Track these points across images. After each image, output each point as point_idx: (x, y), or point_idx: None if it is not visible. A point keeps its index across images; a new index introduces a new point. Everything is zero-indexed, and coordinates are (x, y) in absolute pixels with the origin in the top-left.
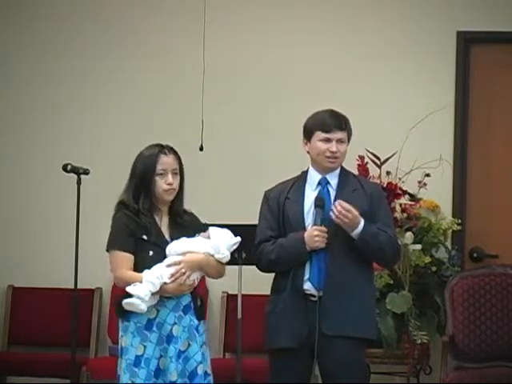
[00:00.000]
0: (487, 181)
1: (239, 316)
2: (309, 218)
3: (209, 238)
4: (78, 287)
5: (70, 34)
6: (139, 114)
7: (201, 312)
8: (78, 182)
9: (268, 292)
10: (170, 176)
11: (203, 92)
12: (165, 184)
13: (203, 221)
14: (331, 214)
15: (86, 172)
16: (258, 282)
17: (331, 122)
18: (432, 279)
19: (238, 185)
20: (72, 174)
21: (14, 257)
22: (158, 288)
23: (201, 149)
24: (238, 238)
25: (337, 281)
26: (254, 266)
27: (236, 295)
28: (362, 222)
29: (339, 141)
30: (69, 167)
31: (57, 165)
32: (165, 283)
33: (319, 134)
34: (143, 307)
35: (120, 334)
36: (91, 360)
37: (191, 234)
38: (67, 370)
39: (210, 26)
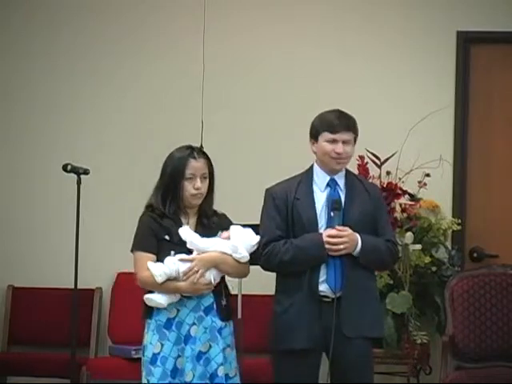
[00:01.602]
0: (487, 181)
1: (239, 316)
2: (321, 220)
3: (229, 237)
4: (78, 287)
5: (70, 34)
6: (139, 113)
7: (226, 313)
8: (78, 182)
9: (268, 292)
10: (198, 181)
11: (203, 92)
12: (193, 189)
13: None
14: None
15: (86, 172)
16: (258, 281)
17: (338, 123)
18: (432, 279)
19: (237, 185)
20: (72, 174)
21: (14, 257)
22: (172, 273)
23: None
24: (258, 238)
25: (354, 282)
26: (254, 266)
27: (236, 295)
28: (359, 238)
29: (345, 142)
30: (69, 167)
31: (57, 165)
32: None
33: (326, 135)
34: (162, 302)
35: (144, 332)
36: (91, 360)
37: (216, 235)
38: (67, 370)
39: (209, 25)
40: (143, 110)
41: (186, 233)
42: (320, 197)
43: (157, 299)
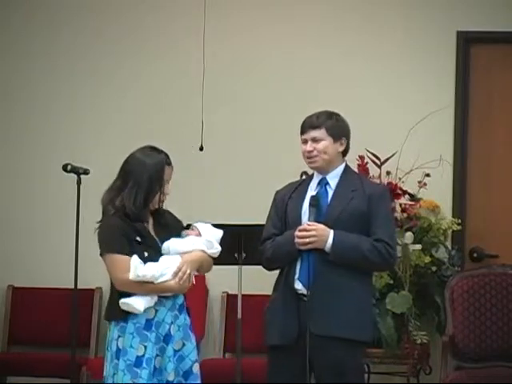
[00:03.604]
0: (487, 181)
1: (239, 316)
2: (305, 217)
3: (199, 234)
4: (78, 287)
5: (70, 34)
6: (139, 113)
7: (188, 310)
8: (78, 182)
9: (268, 292)
10: (168, 186)
11: (203, 92)
12: (163, 194)
13: (204, 221)
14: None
15: (86, 172)
16: (257, 282)
17: (304, 123)
18: (432, 279)
19: (237, 185)
20: (72, 174)
21: (14, 257)
22: (155, 279)
23: (201, 149)
24: (221, 231)
25: (325, 280)
26: (254, 266)
27: (236, 295)
28: (331, 236)
29: (315, 140)
30: (69, 167)
31: (57, 165)
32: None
33: (301, 137)
34: (140, 308)
35: (115, 335)
36: (91, 360)
37: (174, 232)
38: (67, 370)
39: (209, 25)
40: (143, 110)
41: (172, 245)
42: (309, 196)
43: (135, 304)
